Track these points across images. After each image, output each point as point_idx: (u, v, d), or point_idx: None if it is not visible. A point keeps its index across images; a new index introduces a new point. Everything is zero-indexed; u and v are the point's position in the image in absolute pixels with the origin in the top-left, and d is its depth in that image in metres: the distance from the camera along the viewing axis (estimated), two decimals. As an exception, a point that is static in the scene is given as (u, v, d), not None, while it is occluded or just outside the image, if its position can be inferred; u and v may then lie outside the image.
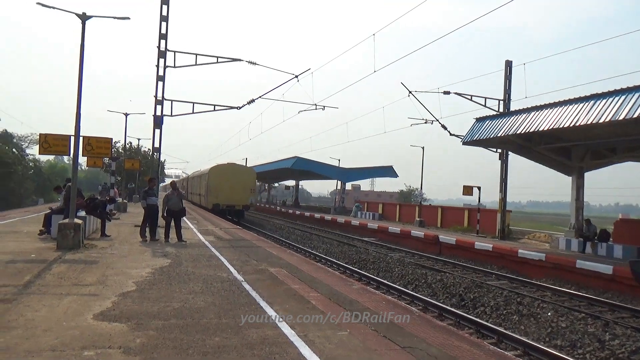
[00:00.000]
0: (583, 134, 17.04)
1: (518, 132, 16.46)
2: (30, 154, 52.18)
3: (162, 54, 19.65)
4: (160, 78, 19.86)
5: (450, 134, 25.27)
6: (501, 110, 23.36)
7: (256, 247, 15.28)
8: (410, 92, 24.84)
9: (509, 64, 24.17)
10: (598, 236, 18.10)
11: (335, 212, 45.01)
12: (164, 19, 19.39)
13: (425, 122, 27.33)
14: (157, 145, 20.24)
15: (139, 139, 51.12)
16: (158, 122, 19.61)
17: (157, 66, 19.73)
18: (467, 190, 26.98)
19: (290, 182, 76.44)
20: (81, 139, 12.36)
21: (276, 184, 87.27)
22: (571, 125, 14.48)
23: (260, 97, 21.98)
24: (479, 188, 26.99)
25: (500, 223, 24.36)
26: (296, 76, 21.00)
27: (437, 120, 25.82)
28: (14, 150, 47.66)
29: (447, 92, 23.80)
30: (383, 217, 38.88)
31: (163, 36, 19.45)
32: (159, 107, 19.97)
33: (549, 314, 10.59)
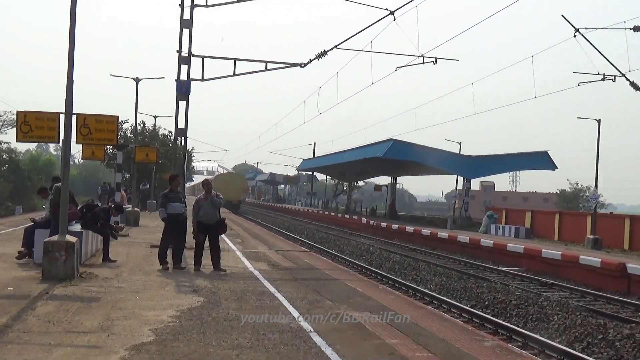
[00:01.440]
0: None
1: None
2: (4, 141, 55.60)
3: (187, -12, 20.34)
4: (186, 24, 20.57)
5: (645, 98, 24.03)
6: None
7: (331, 280, 15.39)
8: (577, 30, 23.93)
9: None
10: None
11: (454, 225, 44.39)
12: None
13: (603, 79, 26.19)
14: (181, 125, 21.00)
15: (155, 117, 53.20)
16: (183, 89, 20.31)
17: (182, 5, 20.43)
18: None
19: (383, 179, 76.34)
20: (74, 118, 13.08)
21: (361, 183, 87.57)
22: None
23: (335, 47, 22.13)
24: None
25: None
26: (391, 12, 20.90)
27: (623, 75, 24.65)
28: (-19, 136, 51.02)
29: (639, 28, 22.65)
30: (533, 234, 37.80)
31: (189, -40, 20.15)
32: (184, 68, 20.69)
33: None
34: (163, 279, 13.62)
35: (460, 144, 46.95)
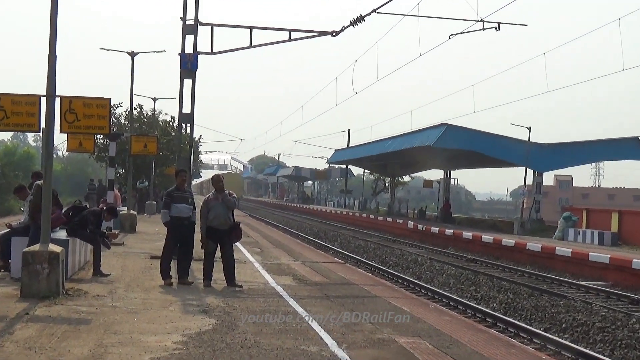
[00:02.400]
0: None
1: None
2: (-26, 131, 56.75)
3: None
4: (191, -15, 20.68)
5: None
6: None
7: (372, 297, 15.39)
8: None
9: None
10: None
11: (522, 229, 44.05)
12: None
13: None
14: (187, 109, 21.15)
15: (154, 100, 53.58)
16: (189, 65, 20.46)
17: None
18: None
19: (434, 174, 76.02)
20: (58, 101, 13.19)
21: (407, 178, 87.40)
22: None
23: (374, 11, 22.11)
24: None
25: None
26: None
27: None
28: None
29: None
30: (621, 240, 37.32)
31: None
32: (189, 39, 20.84)
33: None
34: (166, 296, 13.71)
35: (529, 129, 46.49)
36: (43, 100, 13.01)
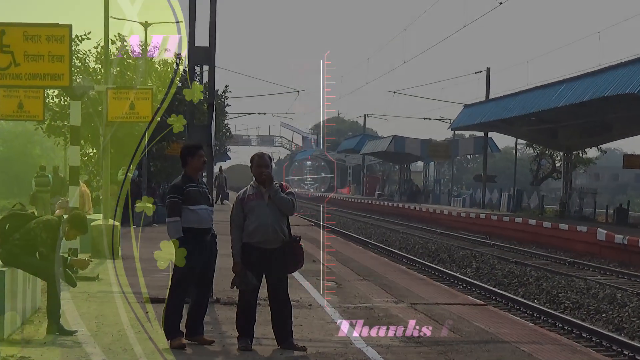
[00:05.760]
0: None
1: None
2: None
3: None
4: None
5: None
6: None
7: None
8: None
9: None
10: None
11: None
12: None
13: None
14: (203, 41, 21.35)
15: (145, 26, 53.89)
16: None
17: None
18: None
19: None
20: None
21: (592, 152, 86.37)
22: None
23: None
24: None
25: None
26: None
27: None
28: None
29: None
30: None
31: None
32: None
33: None
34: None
35: None
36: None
